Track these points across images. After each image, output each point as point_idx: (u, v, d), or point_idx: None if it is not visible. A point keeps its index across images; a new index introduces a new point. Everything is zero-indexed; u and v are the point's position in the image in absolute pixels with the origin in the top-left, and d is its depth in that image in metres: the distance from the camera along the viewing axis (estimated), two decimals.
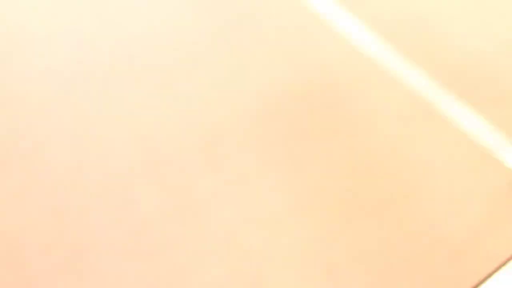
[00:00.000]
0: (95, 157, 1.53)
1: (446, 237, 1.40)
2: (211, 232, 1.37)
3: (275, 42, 1.97)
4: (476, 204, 1.49)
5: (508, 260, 1.39)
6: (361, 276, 1.30)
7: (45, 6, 2.05)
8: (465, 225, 1.44)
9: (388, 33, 2.04)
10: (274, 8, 2.12)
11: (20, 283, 1.23)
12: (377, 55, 1.95)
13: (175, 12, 2.07)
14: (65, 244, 1.31)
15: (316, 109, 1.72)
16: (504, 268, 1.38)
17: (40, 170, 1.47)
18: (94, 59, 1.85)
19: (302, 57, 1.91)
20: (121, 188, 1.45)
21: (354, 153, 1.59)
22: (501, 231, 1.44)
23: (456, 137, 1.67)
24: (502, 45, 2.00)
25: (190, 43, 1.94)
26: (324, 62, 1.90)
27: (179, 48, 1.92)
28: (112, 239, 1.33)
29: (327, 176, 1.52)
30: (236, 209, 1.43)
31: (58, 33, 1.94)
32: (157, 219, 1.39)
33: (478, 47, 1.99)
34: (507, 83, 1.86)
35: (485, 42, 2.02)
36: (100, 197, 1.42)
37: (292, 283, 1.28)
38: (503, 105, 1.79)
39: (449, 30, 2.06)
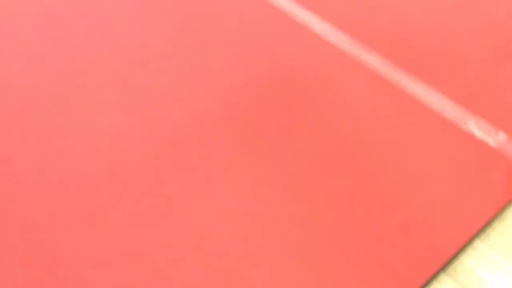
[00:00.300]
0: (60, 168, 1.49)
1: (420, 212, 1.42)
2: (186, 233, 1.36)
3: (236, 38, 1.96)
4: (447, 176, 1.51)
5: (483, 228, 1.42)
6: (337, 261, 1.30)
7: None
8: (437, 198, 1.46)
9: (344, 21, 2.06)
10: (234, 3, 2.12)
11: None
12: (337, 44, 1.97)
13: (129, 14, 2.05)
14: (38, 258, 1.28)
15: (282, 101, 1.72)
16: (480, 237, 1.41)
17: (4, 186, 1.43)
18: (49, 70, 1.81)
19: (264, 51, 1.91)
20: (90, 197, 1.42)
21: (323, 141, 1.60)
22: (475, 201, 1.46)
23: (420, 114, 1.70)
24: (457, 21, 2.05)
25: (147, 44, 1.92)
26: (286, 55, 1.90)
27: (136, 50, 1.89)
28: (86, 249, 1.30)
29: (298, 168, 1.52)
30: (209, 209, 1.42)
31: (11, 47, 1.89)
32: (129, 225, 1.36)
33: (432, 25, 2.04)
34: (463, 57, 1.91)
35: (438, 21, 2.07)
36: (69, 207, 1.39)
37: (270, 276, 1.27)
38: (461, 79, 1.83)
39: (402, 11, 2.10)
